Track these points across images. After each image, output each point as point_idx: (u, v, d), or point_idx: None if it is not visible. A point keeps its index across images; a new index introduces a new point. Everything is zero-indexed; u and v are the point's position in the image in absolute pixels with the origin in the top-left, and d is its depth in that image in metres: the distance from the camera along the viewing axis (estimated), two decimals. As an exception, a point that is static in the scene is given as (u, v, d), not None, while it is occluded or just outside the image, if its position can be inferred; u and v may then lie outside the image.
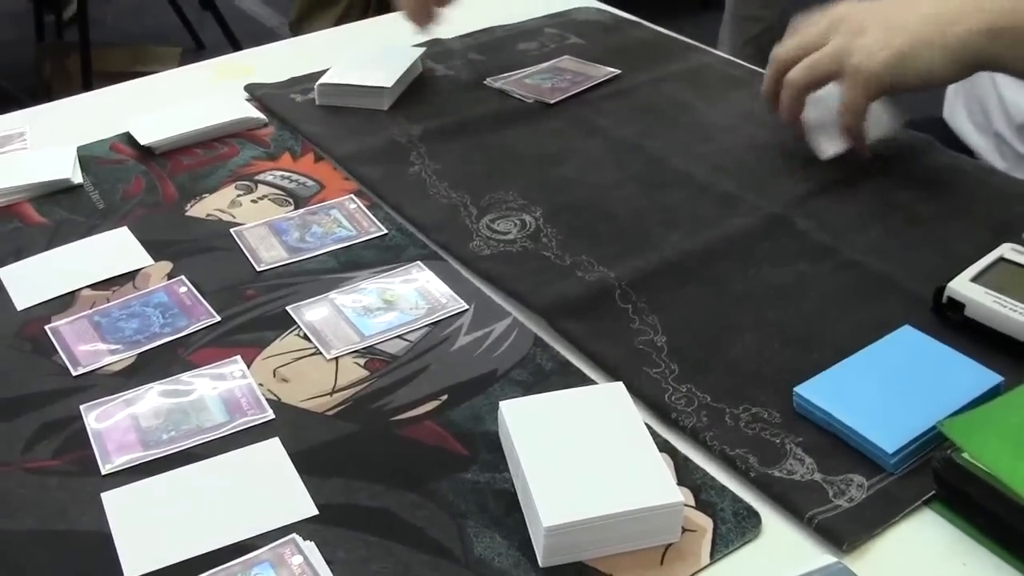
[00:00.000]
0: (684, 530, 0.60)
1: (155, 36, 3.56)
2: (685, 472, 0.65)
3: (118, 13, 3.83)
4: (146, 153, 1.02)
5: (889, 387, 0.68)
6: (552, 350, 0.75)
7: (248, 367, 0.74)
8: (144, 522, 0.62)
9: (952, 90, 1.27)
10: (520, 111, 1.09)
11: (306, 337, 0.77)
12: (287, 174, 0.98)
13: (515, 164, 0.98)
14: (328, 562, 0.59)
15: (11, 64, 3.27)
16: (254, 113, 1.08)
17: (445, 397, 0.71)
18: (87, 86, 2.90)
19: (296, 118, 1.08)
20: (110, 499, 0.63)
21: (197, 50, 3.49)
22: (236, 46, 3.23)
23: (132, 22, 3.79)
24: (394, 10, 1.17)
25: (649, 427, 0.66)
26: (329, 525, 0.61)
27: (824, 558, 0.59)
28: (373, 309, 0.80)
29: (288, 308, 0.80)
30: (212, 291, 0.82)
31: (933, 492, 0.62)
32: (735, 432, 0.67)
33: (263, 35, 3.70)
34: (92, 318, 0.80)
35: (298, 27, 3.54)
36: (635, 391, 0.69)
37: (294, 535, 0.60)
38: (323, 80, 1.10)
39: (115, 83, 1.21)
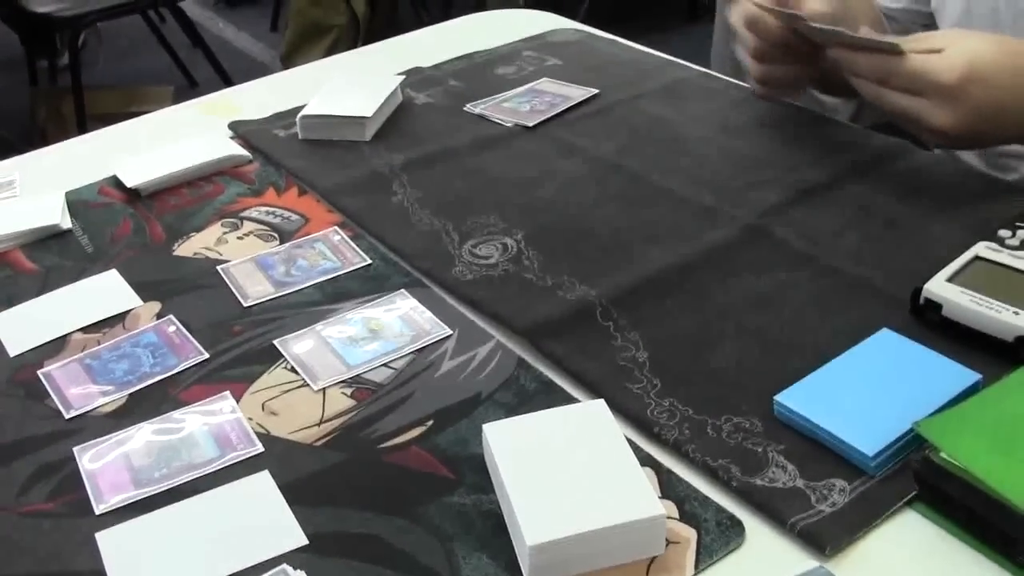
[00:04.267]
0: (668, 542, 0.61)
1: (148, 76, 3.59)
2: (669, 485, 0.65)
3: (110, 55, 3.86)
4: (133, 195, 1.04)
5: (868, 391, 0.69)
6: (535, 371, 0.76)
7: (237, 402, 0.75)
8: (138, 559, 0.63)
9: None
10: (500, 136, 1.10)
11: (293, 370, 0.78)
12: (272, 209, 1.00)
13: (496, 188, 1.00)
14: (318, 591, 0.59)
15: (5, 110, 3.29)
16: (238, 151, 1.10)
17: (431, 422, 0.72)
18: (82, 130, 2.92)
19: (279, 153, 1.09)
20: (104, 538, 0.64)
21: (190, 88, 3.51)
22: (228, 82, 3.25)
23: (125, 63, 3.82)
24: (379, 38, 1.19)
25: (632, 442, 0.67)
26: (319, 554, 0.62)
27: (808, 563, 0.60)
28: (359, 339, 0.81)
29: (275, 342, 0.81)
30: (200, 328, 0.83)
31: (914, 493, 0.63)
32: (717, 443, 0.68)
33: (255, 70, 3.72)
34: (83, 361, 0.81)
35: (289, 61, 3.57)
36: (618, 407, 0.70)
37: (284, 565, 0.61)
38: (304, 112, 1.12)
39: (109, 125, 1.23)
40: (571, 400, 0.73)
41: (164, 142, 1.12)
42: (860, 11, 1.06)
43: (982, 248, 0.79)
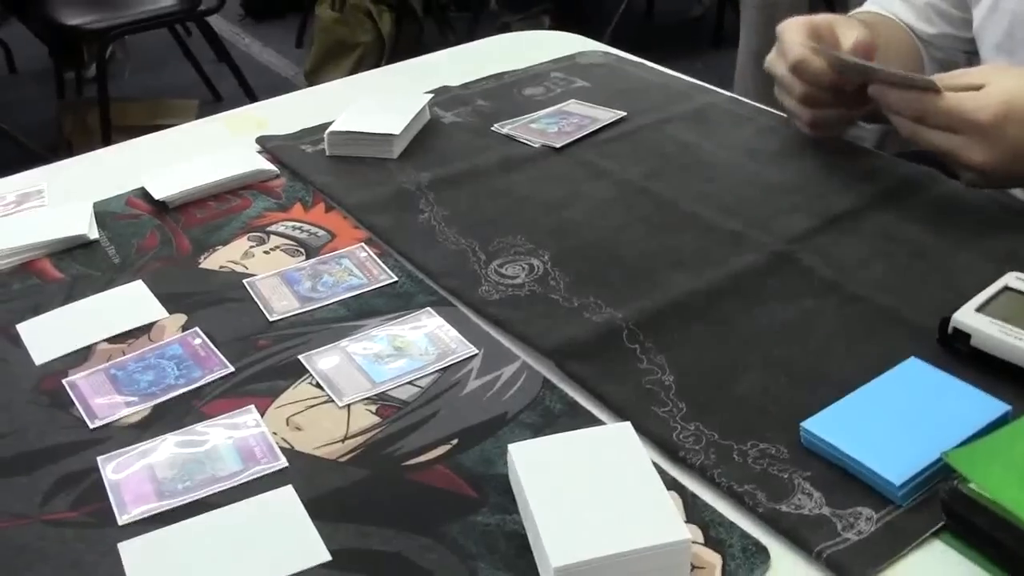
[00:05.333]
0: (693, 567, 0.61)
1: (173, 89, 3.61)
2: (694, 510, 0.65)
3: (136, 68, 3.89)
4: (160, 207, 1.04)
5: (896, 419, 0.69)
6: (561, 392, 0.76)
7: (262, 416, 0.75)
8: (161, 571, 0.63)
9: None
10: (527, 156, 1.10)
11: (318, 385, 0.78)
12: (299, 224, 1.00)
13: (523, 209, 1.00)
14: (341, 607, 0.59)
15: (33, 121, 3.32)
16: (266, 165, 1.10)
17: (456, 441, 0.72)
18: (107, 141, 2.94)
19: (307, 169, 1.09)
20: (127, 549, 0.64)
21: (214, 102, 3.54)
22: (252, 97, 3.27)
23: (150, 76, 3.84)
24: (406, 57, 1.19)
25: (657, 466, 0.66)
26: (342, 570, 0.62)
27: (833, 592, 0.59)
28: (384, 356, 0.81)
29: (300, 357, 0.81)
30: (226, 342, 0.83)
31: (942, 523, 0.63)
32: (743, 468, 0.67)
33: (279, 85, 3.74)
34: (108, 371, 0.81)
35: (313, 77, 3.60)
36: (643, 430, 0.70)
37: (307, 581, 0.61)
38: (332, 128, 1.12)
39: (134, 137, 1.24)
40: (596, 422, 0.73)
41: (191, 155, 1.12)
42: (897, 43, 1.06)
43: (1012, 279, 0.78)
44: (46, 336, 0.86)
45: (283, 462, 0.71)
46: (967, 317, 0.75)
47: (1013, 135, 0.86)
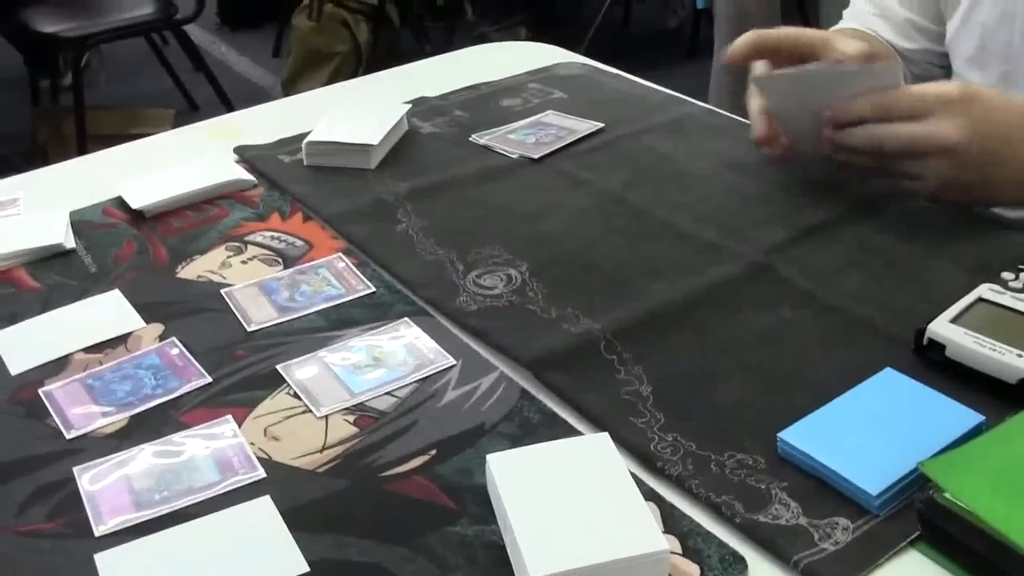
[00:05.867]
0: (671, 577, 0.61)
1: (149, 98, 3.60)
2: (672, 520, 0.65)
3: (112, 76, 3.87)
4: (138, 216, 1.04)
5: (872, 430, 0.69)
6: (539, 403, 0.76)
7: (239, 426, 0.75)
8: (137, 583, 0.63)
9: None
10: (505, 167, 1.10)
11: (296, 395, 0.78)
12: (276, 234, 1.00)
13: (500, 219, 1.00)
14: (319, 618, 0.59)
15: (7, 129, 3.30)
16: (243, 175, 1.10)
17: (434, 452, 0.72)
18: (82, 150, 2.92)
19: (285, 179, 1.09)
20: (104, 560, 0.64)
21: (191, 111, 3.52)
22: (229, 106, 3.26)
23: (126, 85, 3.83)
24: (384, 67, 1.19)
25: (635, 476, 0.67)
26: (320, 582, 0.62)
27: (810, 602, 0.59)
28: (362, 366, 0.81)
29: (278, 367, 0.81)
30: (203, 352, 0.83)
31: (918, 532, 0.63)
32: (720, 479, 0.68)
33: (256, 94, 3.74)
34: (85, 381, 0.81)
35: (290, 87, 3.59)
36: (621, 441, 0.70)
37: (285, 592, 0.61)
38: (310, 138, 1.12)
39: (109, 146, 1.23)
40: (574, 433, 0.73)
41: (168, 165, 1.12)
42: (883, 59, 1.07)
43: (985, 290, 0.79)
44: (22, 346, 0.85)
45: (261, 472, 0.71)
46: (942, 328, 0.76)
47: (979, 112, 0.88)
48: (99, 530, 0.67)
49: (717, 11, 2.86)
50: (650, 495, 0.67)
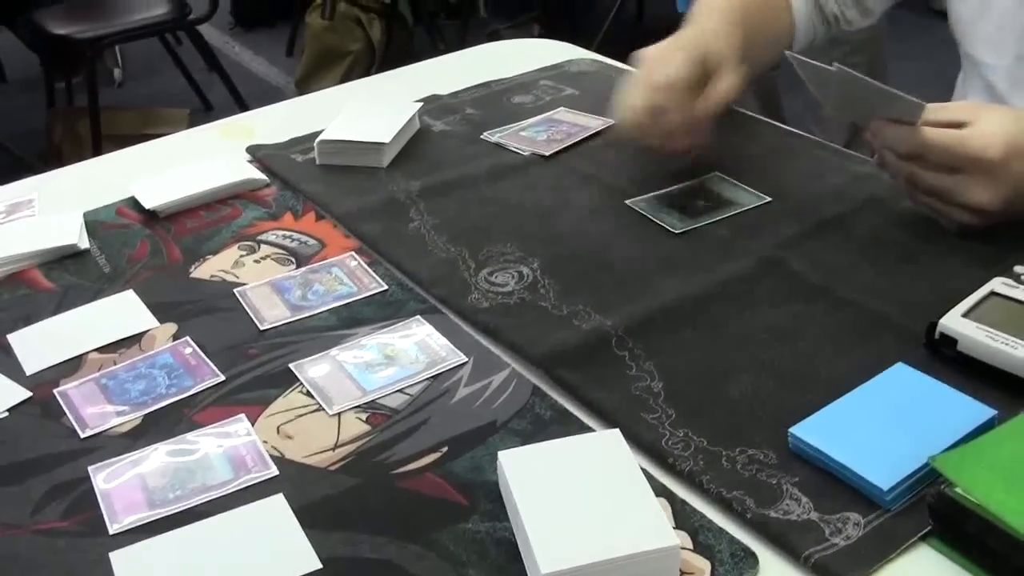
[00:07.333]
0: (682, 572, 0.61)
1: (163, 98, 3.60)
2: (683, 515, 0.66)
3: (127, 77, 3.89)
4: (151, 216, 1.04)
5: (884, 424, 0.69)
6: (550, 399, 0.76)
7: (252, 425, 0.75)
8: (152, 581, 0.63)
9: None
10: (516, 164, 1.11)
11: (309, 394, 0.78)
12: (289, 233, 1.00)
13: (512, 217, 1.00)
14: (332, 615, 0.60)
15: (23, 130, 3.32)
16: (256, 174, 1.10)
17: (445, 449, 0.72)
18: (97, 150, 2.94)
19: (297, 178, 1.10)
20: (118, 558, 0.65)
21: (205, 111, 3.53)
22: (243, 106, 3.27)
23: (141, 85, 3.84)
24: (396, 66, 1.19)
25: (647, 472, 0.67)
26: (333, 578, 0.62)
27: (821, 597, 0.59)
28: (374, 364, 0.81)
29: (291, 365, 0.81)
30: (216, 351, 0.84)
31: (929, 527, 0.63)
32: (732, 474, 0.68)
33: (270, 94, 3.74)
34: (99, 381, 0.81)
35: (304, 86, 3.60)
36: (633, 437, 0.70)
37: (298, 589, 0.61)
38: (322, 137, 1.12)
39: (125, 146, 1.24)
40: (586, 429, 0.73)
41: (182, 164, 1.13)
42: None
43: (998, 284, 0.79)
44: (37, 346, 0.86)
45: (274, 470, 0.71)
46: (953, 322, 0.76)
47: (1017, 171, 0.85)
48: (113, 528, 0.67)
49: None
50: (661, 491, 0.67)
